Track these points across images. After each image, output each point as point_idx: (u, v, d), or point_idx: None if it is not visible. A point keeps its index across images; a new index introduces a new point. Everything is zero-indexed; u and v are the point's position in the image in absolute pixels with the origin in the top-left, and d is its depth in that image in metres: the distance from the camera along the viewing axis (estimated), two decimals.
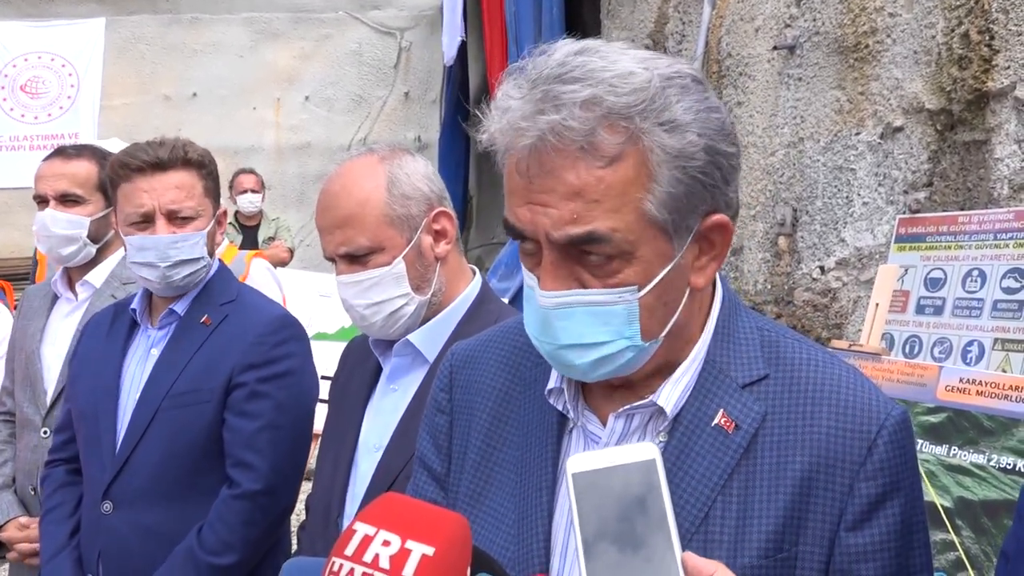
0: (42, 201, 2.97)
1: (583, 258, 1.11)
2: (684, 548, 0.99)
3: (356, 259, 1.91)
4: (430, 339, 1.95)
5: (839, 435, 1.14)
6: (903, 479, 1.15)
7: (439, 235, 1.97)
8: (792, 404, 1.17)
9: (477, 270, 2.09)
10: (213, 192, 2.52)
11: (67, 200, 2.94)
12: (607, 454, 1.02)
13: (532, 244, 1.13)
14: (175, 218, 2.42)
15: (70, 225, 2.92)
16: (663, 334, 1.16)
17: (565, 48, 1.13)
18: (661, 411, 1.19)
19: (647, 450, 1.01)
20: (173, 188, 2.41)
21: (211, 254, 2.51)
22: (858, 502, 1.13)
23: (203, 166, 2.47)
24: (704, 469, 1.15)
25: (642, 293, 1.12)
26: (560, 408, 1.24)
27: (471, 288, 2.02)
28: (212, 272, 2.55)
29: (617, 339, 1.12)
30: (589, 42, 1.15)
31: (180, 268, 2.43)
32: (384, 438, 1.93)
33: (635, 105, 1.07)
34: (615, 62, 1.10)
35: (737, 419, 1.17)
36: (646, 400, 1.19)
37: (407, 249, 1.91)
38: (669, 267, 1.12)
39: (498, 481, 1.28)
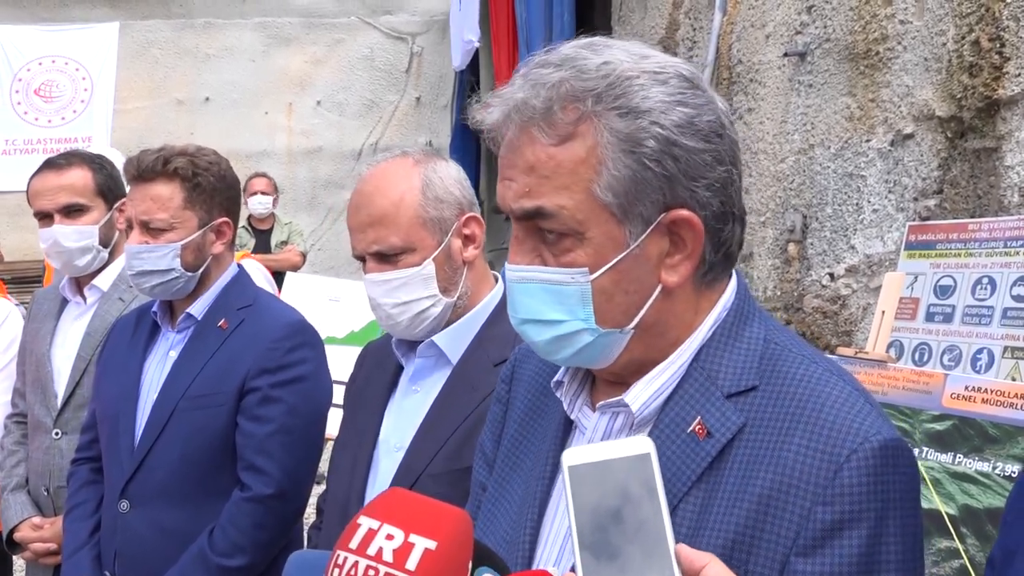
0: (44, 217, 2.97)
1: (543, 236, 1.15)
2: None
3: (386, 258, 1.93)
4: (454, 341, 1.98)
5: (808, 455, 1.08)
6: (868, 509, 1.06)
7: (468, 239, 2.00)
8: (772, 419, 1.12)
9: (500, 276, 2.12)
10: (203, 203, 2.49)
11: (71, 211, 2.95)
12: (603, 448, 1.03)
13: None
14: (147, 229, 2.45)
15: (80, 236, 2.94)
16: (630, 326, 1.16)
17: (577, 41, 1.18)
18: (640, 412, 1.19)
19: (642, 444, 1.02)
20: (148, 199, 2.44)
21: (195, 266, 2.51)
22: (811, 527, 1.06)
23: (188, 178, 2.46)
24: (671, 475, 1.13)
25: (594, 276, 1.14)
26: (562, 399, 1.27)
27: (495, 293, 2.05)
28: (231, 276, 2.59)
29: (571, 319, 1.15)
30: (600, 37, 1.19)
31: (146, 278, 2.47)
32: (406, 438, 1.95)
33: (592, 89, 1.11)
34: (601, 53, 1.15)
35: (711, 427, 1.14)
36: (619, 397, 1.19)
37: (437, 251, 1.94)
38: (623, 254, 1.13)
39: (521, 467, 1.32)
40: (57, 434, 2.91)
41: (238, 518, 2.35)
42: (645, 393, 1.18)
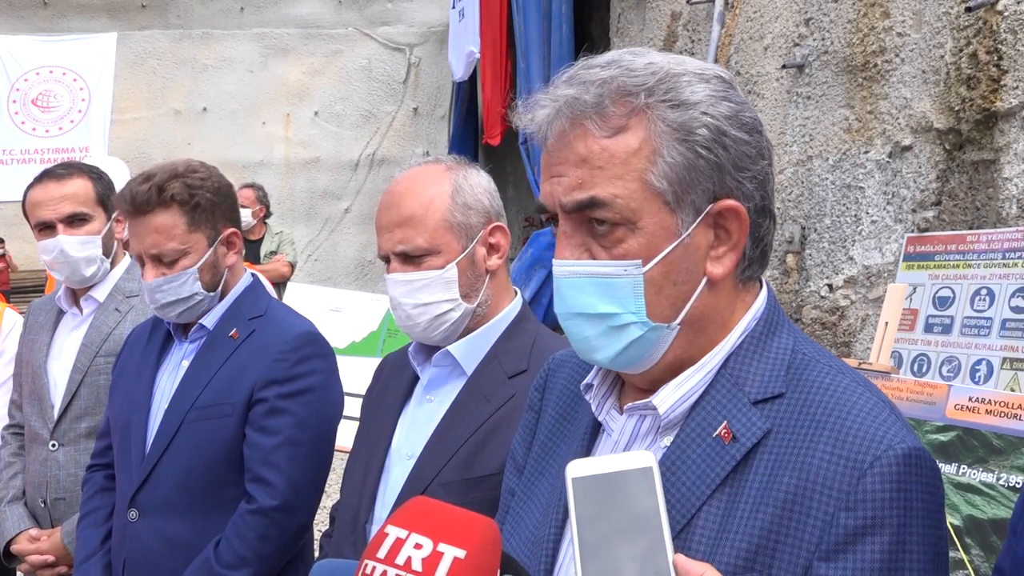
0: (45, 228, 2.95)
1: (592, 228, 1.17)
2: None
3: (410, 259, 1.94)
4: (469, 352, 1.98)
5: (832, 461, 1.10)
6: (891, 516, 1.07)
7: (492, 248, 2.01)
8: (797, 426, 1.14)
9: (519, 290, 2.13)
10: (206, 221, 2.45)
11: (75, 221, 2.92)
12: (606, 461, 1.05)
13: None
14: (159, 261, 2.42)
15: (85, 246, 2.92)
16: (677, 320, 1.18)
17: (617, 50, 1.22)
18: (668, 415, 1.20)
19: (644, 458, 1.04)
20: (152, 232, 2.39)
21: (215, 284, 2.49)
22: (834, 532, 1.07)
23: (186, 201, 2.40)
24: (695, 477, 1.15)
25: (647, 267, 1.15)
26: (591, 401, 1.29)
27: (513, 306, 2.06)
28: (245, 286, 2.57)
29: (623, 312, 1.16)
30: (645, 48, 1.24)
31: (171, 308, 2.45)
32: (417, 447, 1.95)
33: (643, 84, 1.15)
34: (645, 56, 1.19)
35: (737, 432, 1.16)
36: (648, 400, 1.21)
37: (461, 256, 1.95)
38: (675, 243, 1.16)
39: (549, 471, 1.35)
40: (54, 446, 2.90)
41: (243, 530, 2.33)
42: (672, 397, 1.20)
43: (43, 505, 2.91)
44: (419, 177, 1.99)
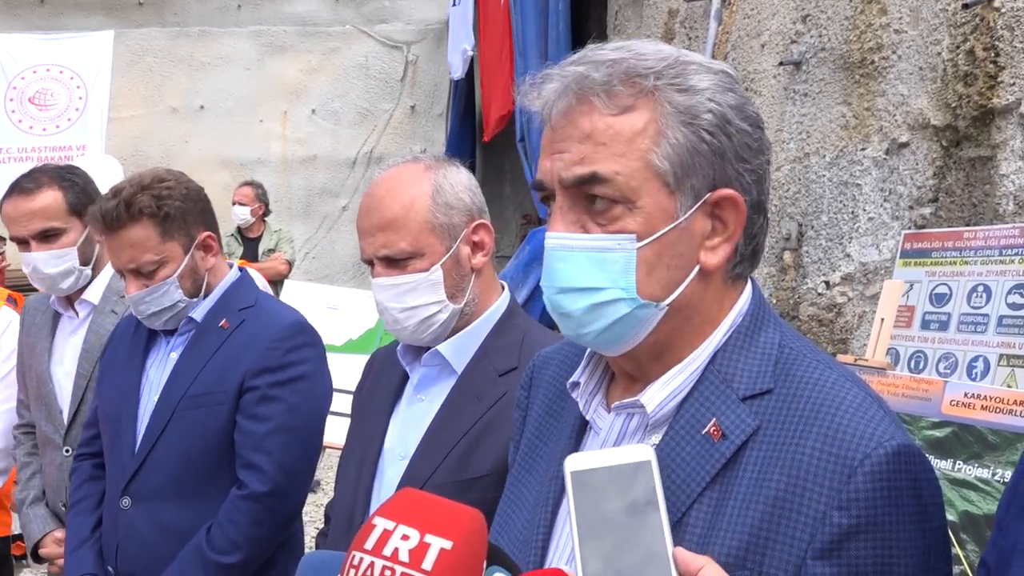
0: (21, 242, 2.92)
1: (590, 205, 1.17)
2: None
3: (395, 263, 1.93)
4: (459, 350, 1.98)
5: (822, 459, 1.09)
6: (882, 517, 1.08)
7: (477, 246, 2.00)
8: (786, 422, 1.14)
9: (506, 284, 2.12)
10: (179, 229, 2.47)
11: (47, 236, 2.88)
12: (605, 454, 1.06)
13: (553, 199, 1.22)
14: (139, 274, 2.44)
15: (59, 260, 2.88)
16: (666, 302, 1.17)
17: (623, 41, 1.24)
18: (655, 413, 1.20)
19: (643, 452, 1.04)
20: (127, 247, 2.42)
21: (196, 289, 2.52)
22: (827, 530, 1.07)
23: (155, 213, 2.42)
24: (685, 476, 1.15)
25: (641, 244, 1.15)
26: (578, 400, 1.28)
27: (500, 301, 2.05)
28: (232, 280, 2.61)
29: (611, 287, 1.16)
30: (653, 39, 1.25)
31: (156, 317, 2.49)
32: (410, 447, 1.95)
33: (652, 68, 1.16)
34: (656, 44, 1.21)
35: (726, 429, 1.15)
36: (635, 398, 1.21)
37: (446, 257, 1.94)
38: (672, 225, 1.16)
39: (536, 469, 1.35)
40: (67, 451, 2.90)
41: (235, 515, 2.38)
42: (660, 394, 1.20)
43: (63, 508, 2.93)
44: (398, 178, 1.97)
